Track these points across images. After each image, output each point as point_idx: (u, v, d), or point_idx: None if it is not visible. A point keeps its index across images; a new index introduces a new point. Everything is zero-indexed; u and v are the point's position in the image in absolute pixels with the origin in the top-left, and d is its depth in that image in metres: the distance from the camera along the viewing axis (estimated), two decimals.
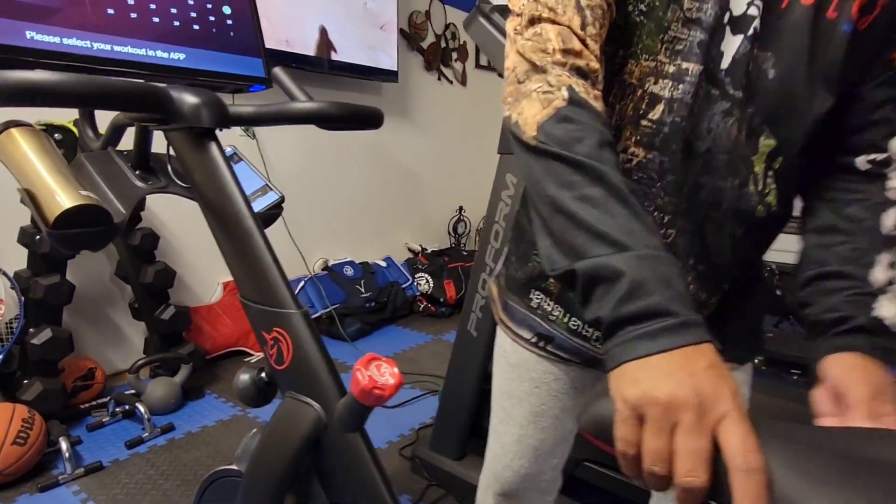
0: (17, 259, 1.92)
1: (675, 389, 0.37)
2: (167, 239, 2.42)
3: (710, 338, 0.40)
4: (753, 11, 0.54)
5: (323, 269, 3.17)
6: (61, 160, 0.77)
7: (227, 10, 1.02)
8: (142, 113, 0.69)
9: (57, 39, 0.82)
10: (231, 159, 1.05)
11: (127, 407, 2.05)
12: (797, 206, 0.69)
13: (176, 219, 2.45)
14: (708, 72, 0.57)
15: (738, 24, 0.55)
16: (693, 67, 0.57)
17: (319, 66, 2.87)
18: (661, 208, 0.62)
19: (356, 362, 0.60)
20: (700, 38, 0.56)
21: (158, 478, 1.71)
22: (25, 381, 1.85)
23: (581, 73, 0.51)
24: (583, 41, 0.52)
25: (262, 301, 0.68)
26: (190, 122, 0.70)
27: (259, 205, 0.98)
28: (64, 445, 1.74)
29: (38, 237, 1.83)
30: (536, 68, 0.52)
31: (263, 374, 0.71)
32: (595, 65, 0.52)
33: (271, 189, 0.99)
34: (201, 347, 2.36)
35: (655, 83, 0.58)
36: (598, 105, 0.50)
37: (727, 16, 0.55)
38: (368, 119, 0.82)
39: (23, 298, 1.85)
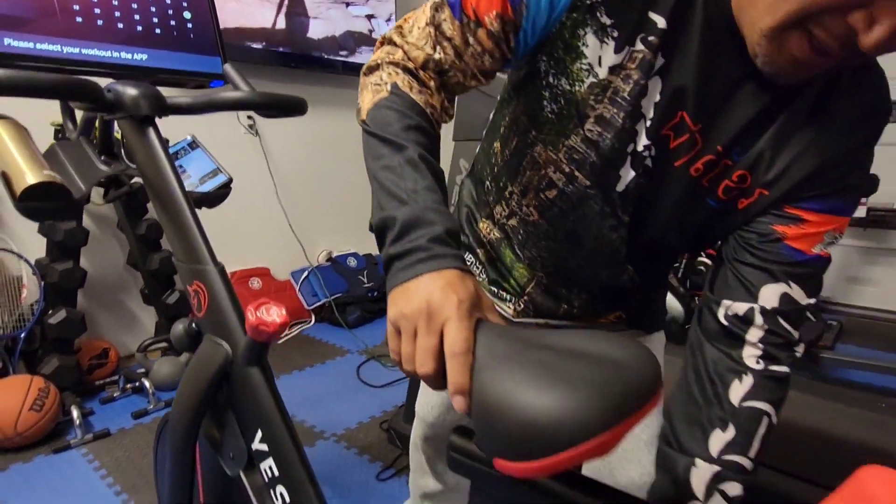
0: (39, 248, 2.13)
1: (414, 305, 0.48)
2: None
3: (456, 266, 0.50)
4: (648, 154, 0.63)
5: (327, 261, 3.32)
6: (33, 147, 0.92)
7: (187, 14, 1.16)
8: (77, 102, 0.82)
9: (31, 45, 0.97)
10: (190, 146, 1.19)
11: (136, 383, 2.24)
12: None
13: None
14: (604, 191, 0.66)
15: (635, 160, 0.63)
16: (582, 179, 0.66)
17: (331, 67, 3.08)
18: (534, 255, 0.77)
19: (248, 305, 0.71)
20: (593, 159, 0.64)
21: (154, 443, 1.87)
22: (44, 359, 2.05)
23: (411, 73, 0.62)
24: (425, 59, 0.62)
25: (186, 260, 0.81)
26: (131, 111, 0.83)
27: (210, 185, 1.11)
28: (76, 414, 1.92)
29: (53, 226, 2.02)
30: (377, 66, 0.63)
31: (193, 324, 0.84)
32: (426, 75, 0.63)
33: (221, 172, 1.12)
34: None
35: (554, 172, 0.68)
36: (419, 98, 0.60)
37: (631, 146, 0.62)
38: (292, 107, 0.94)
39: (42, 283, 2.06)
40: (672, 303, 2.58)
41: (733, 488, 0.55)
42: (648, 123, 0.61)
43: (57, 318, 2.02)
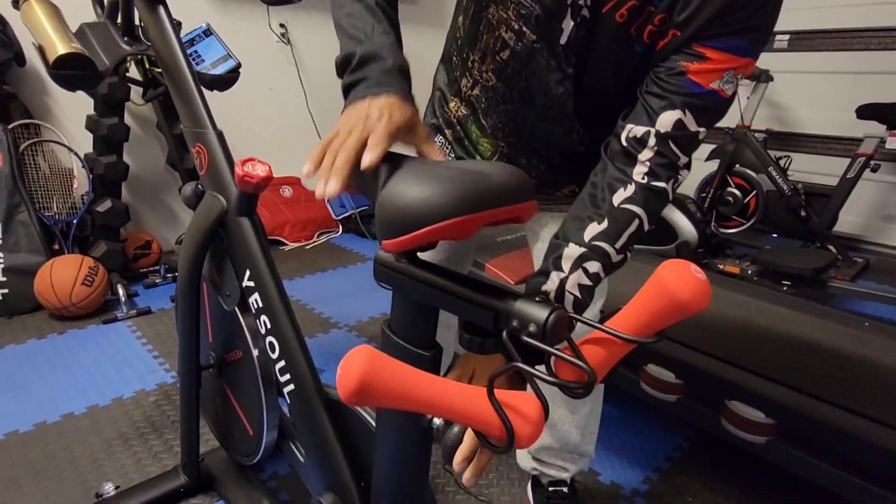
0: (86, 145, 2.31)
1: (355, 116, 0.58)
2: None
3: (397, 93, 0.59)
4: (584, 3, 0.67)
5: None
6: (63, 24, 1.04)
7: None
8: None
9: None
10: (205, 33, 1.29)
11: (175, 273, 2.48)
12: None
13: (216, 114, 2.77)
14: (549, 44, 0.71)
15: (574, 10, 0.68)
16: (529, 34, 0.72)
17: None
18: (496, 121, 0.84)
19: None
20: (538, 13, 0.69)
21: None
22: (95, 243, 2.29)
23: None
24: None
25: (190, 125, 0.93)
26: None
27: (221, 69, 1.21)
28: (122, 293, 2.17)
29: (98, 122, 2.19)
30: None
31: (199, 185, 0.97)
32: None
33: (231, 57, 1.21)
34: None
35: (506, 32, 0.74)
36: None
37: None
38: None
39: (90, 175, 2.26)
40: (686, 226, 2.60)
41: (593, 266, 0.64)
42: None
43: (104, 207, 2.23)
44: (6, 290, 2.08)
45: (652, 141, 0.64)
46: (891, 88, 3.08)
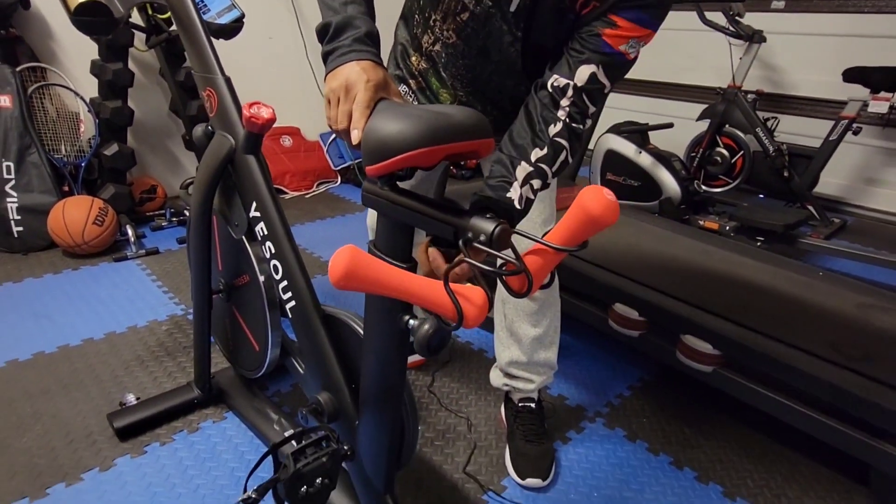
0: (91, 90, 2.39)
1: (338, 82, 0.68)
2: None
3: (369, 58, 0.70)
4: None
5: None
6: None
7: None
8: None
9: None
10: None
11: (181, 216, 2.60)
12: None
13: None
14: (502, 10, 0.85)
15: None
16: (486, 1, 0.85)
17: None
18: (454, 74, 0.96)
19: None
20: None
21: None
22: (102, 185, 2.40)
23: None
24: None
25: (200, 70, 1.03)
26: None
27: (227, 18, 1.30)
28: (130, 233, 2.30)
29: (103, 67, 2.26)
30: None
31: (209, 126, 1.08)
32: None
33: (235, 7, 1.30)
34: None
35: None
36: None
37: None
38: None
39: (97, 120, 2.35)
40: (670, 183, 2.71)
41: (537, 183, 0.81)
42: None
43: (110, 151, 2.33)
44: (21, 228, 2.20)
45: (570, 92, 0.79)
46: (880, 52, 3.13)
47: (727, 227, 2.61)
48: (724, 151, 3.42)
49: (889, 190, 3.33)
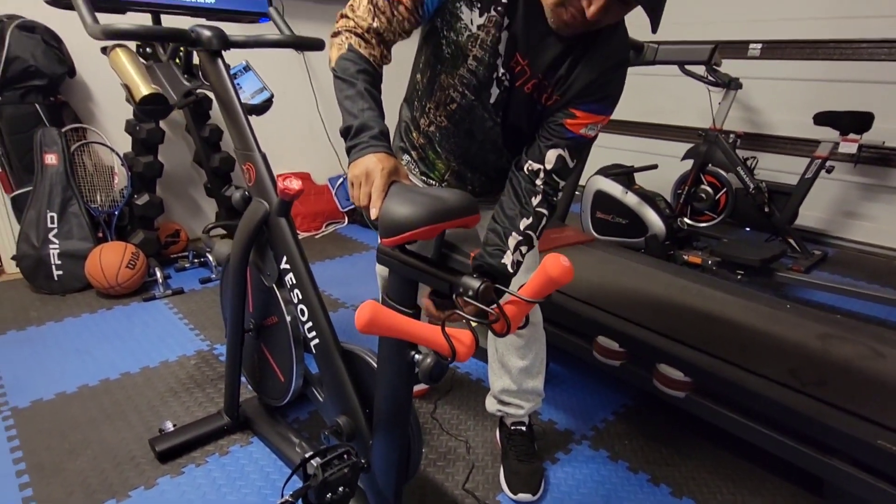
0: (125, 144, 2.64)
1: (359, 170, 0.89)
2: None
3: (383, 151, 0.90)
4: (505, 79, 1.01)
5: None
6: (142, 67, 1.35)
7: None
8: (179, 43, 1.24)
9: None
10: (245, 69, 1.60)
11: (202, 258, 2.81)
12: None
13: None
14: (483, 103, 1.07)
15: (498, 82, 1.03)
16: (469, 96, 1.07)
17: None
18: (447, 149, 1.18)
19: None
20: (475, 82, 1.04)
21: (217, 300, 2.44)
22: (132, 232, 2.63)
23: (360, 36, 0.99)
24: (367, 27, 0.99)
25: (241, 148, 1.25)
26: (206, 46, 1.24)
27: (258, 99, 1.53)
28: (158, 274, 2.51)
29: (136, 127, 2.51)
30: (339, 32, 1.01)
31: (246, 192, 1.29)
32: (369, 36, 0.99)
33: (266, 89, 1.53)
34: None
35: (454, 92, 1.08)
36: (365, 52, 0.98)
37: (495, 73, 1.02)
38: (314, 45, 1.34)
39: (129, 172, 2.59)
40: (655, 221, 2.91)
41: (525, 248, 1.01)
42: (501, 59, 1.00)
43: (142, 200, 2.56)
44: (61, 272, 2.41)
45: (542, 175, 1.01)
46: (852, 96, 3.37)
47: (709, 262, 2.80)
48: (709, 189, 3.64)
49: (867, 223, 3.53)
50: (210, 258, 2.71)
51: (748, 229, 3.76)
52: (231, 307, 1.40)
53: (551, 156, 1.00)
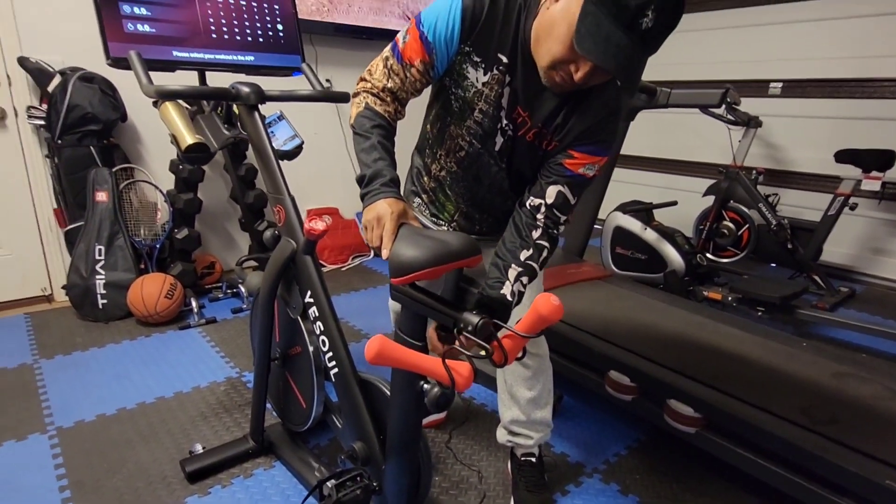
0: (168, 182, 2.84)
1: (372, 214, 0.99)
2: None
3: (393, 196, 1.00)
4: (509, 129, 1.13)
5: None
6: (188, 119, 1.51)
7: (279, 27, 1.70)
8: (222, 100, 1.39)
9: (187, 54, 1.54)
10: (279, 118, 1.75)
11: (235, 289, 2.96)
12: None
13: None
14: (489, 151, 1.18)
15: (503, 132, 1.14)
16: (476, 144, 1.18)
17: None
18: (457, 192, 1.28)
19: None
20: (481, 132, 1.16)
21: (246, 329, 2.56)
22: (172, 263, 2.80)
23: (376, 95, 1.11)
24: (382, 87, 1.11)
25: (273, 192, 1.37)
26: (244, 100, 1.39)
27: (290, 145, 1.67)
28: (194, 304, 2.66)
29: (180, 167, 2.70)
30: (358, 93, 1.13)
31: (276, 232, 1.41)
32: (384, 95, 1.11)
33: (297, 137, 1.67)
34: None
35: (462, 141, 1.20)
36: (380, 109, 1.09)
37: (499, 124, 1.13)
38: (340, 99, 1.47)
39: (171, 208, 2.77)
40: (674, 257, 2.94)
41: (525, 279, 1.09)
42: (504, 112, 1.11)
43: (182, 234, 2.74)
44: (105, 301, 2.59)
45: (543, 209, 1.10)
46: (874, 133, 3.37)
47: (729, 298, 2.80)
48: (731, 225, 3.65)
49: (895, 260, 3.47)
50: (242, 289, 2.86)
51: (773, 265, 3.74)
52: (259, 337, 1.51)
53: (552, 191, 1.09)
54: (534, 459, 1.52)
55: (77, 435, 1.77)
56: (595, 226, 2.88)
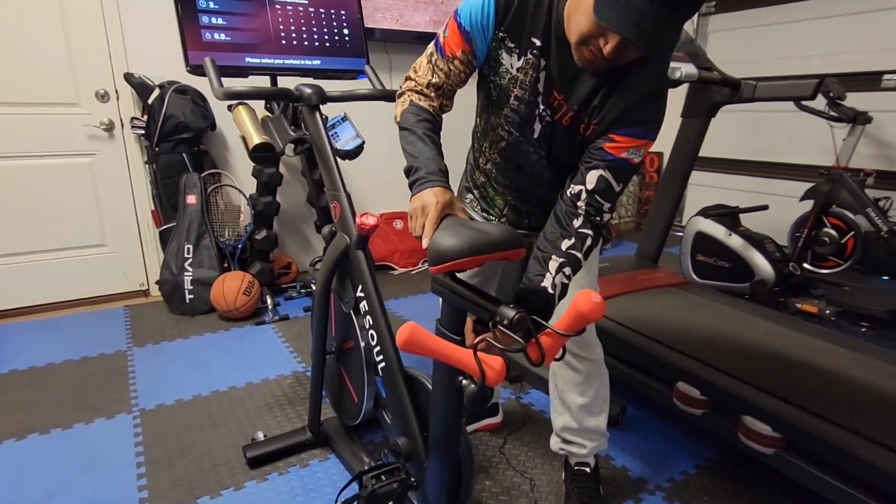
0: (250, 186, 3.02)
1: (418, 203, 0.98)
2: None
3: (439, 185, 0.99)
4: (546, 114, 1.10)
5: None
6: (257, 121, 1.60)
7: (346, 31, 1.76)
8: (285, 100, 1.45)
9: (258, 60, 1.64)
10: (342, 119, 1.81)
11: (308, 289, 3.09)
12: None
13: (346, 163, 3.40)
14: (528, 138, 1.15)
15: (540, 118, 1.11)
16: (515, 132, 1.16)
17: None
18: (503, 184, 1.26)
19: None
20: (518, 120, 1.14)
21: None
22: (251, 263, 2.97)
23: (420, 92, 1.11)
24: (427, 83, 1.11)
25: (330, 188, 1.42)
26: (307, 101, 1.45)
27: (352, 145, 1.71)
28: (269, 302, 2.80)
29: (261, 171, 2.87)
30: (403, 92, 1.14)
31: (333, 228, 1.46)
32: (428, 90, 1.11)
33: (359, 137, 1.71)
34: None
35: (502, 130, 1.18)
36: (425, 104, 1.09)
37: (536, 110, 1.10)
38: (392, 97, 1.50)
39: (253, 211, 2.95)
40: (762, 265, 2.71)
41: (568, 270, 1.02)
42: (541, 97, 1.08)
43: (261, 235, 2.90)
44: (192, 296, 2.79)
45: (584, 196, 1.04)
46: None
47: (827, 311, 2.53)
48: (833, 232, 3.31)
49: None
50: (315, 288, 2.97)
51: (885, 278, 3.34)
52: (315, 330, 1.55)
53: (592, 177, 1.04)
54: (588, 469, 1.45)
55: (157, 417, 1.91)
56: (677, 233, 2.72)
